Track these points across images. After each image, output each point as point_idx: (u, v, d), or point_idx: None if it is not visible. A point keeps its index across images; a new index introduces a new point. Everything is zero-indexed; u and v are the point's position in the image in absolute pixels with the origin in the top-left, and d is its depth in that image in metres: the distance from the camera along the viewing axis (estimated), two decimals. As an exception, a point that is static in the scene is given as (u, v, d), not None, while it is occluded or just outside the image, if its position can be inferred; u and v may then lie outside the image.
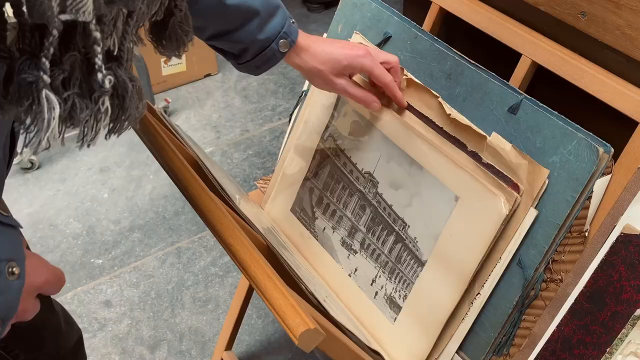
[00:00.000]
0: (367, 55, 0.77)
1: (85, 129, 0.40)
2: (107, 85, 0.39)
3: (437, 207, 0.79)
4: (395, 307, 0.84)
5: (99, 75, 0.38)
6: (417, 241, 0.81)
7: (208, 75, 2.28)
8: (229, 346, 1.29)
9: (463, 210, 0.75)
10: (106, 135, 0.43)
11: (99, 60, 0.38)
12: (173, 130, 0.76)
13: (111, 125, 0.42)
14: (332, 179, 0.93)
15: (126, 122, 0.43)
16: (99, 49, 0.37)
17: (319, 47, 0.76)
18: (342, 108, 0.90)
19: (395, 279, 0.84)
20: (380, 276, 0.86)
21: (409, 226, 0.83)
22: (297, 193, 0.97)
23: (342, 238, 0.92)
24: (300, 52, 0.75)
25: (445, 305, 0.77)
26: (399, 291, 0.84)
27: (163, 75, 2.17)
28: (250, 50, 0.73)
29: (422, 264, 0.81)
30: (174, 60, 2.15)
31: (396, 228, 0.84)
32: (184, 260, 1.61)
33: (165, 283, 1.55)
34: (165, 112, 2.08)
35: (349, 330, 0.64)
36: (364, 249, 0.88)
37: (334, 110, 0.91)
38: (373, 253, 0.87)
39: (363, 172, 0.88)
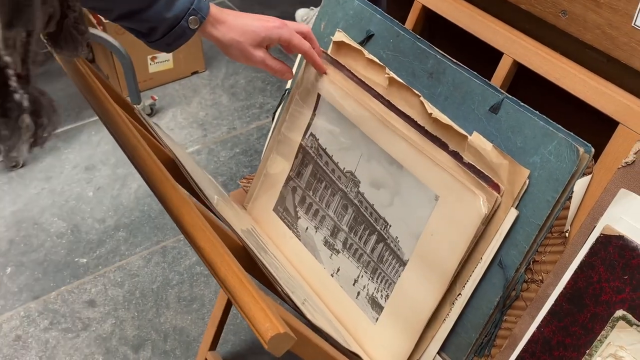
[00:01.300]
0: (283, 27, 0.79)
1: (8, 148, 0.41)
2: (26, 103, 0.40)
3: (418, 207, 0.78)
4: (377, 307, 0.83)
5: (17, 96, 0.39)
6: (398, 241, 0.81)
7: (195, 72, 2.26)
8: (213, 346, 1.28)
9: (443, 209, 0.75)
10: (29, 149, 0.44)
11: (13, 82, 0.39)
12: (150, 129, 0.75)
13: (32, 140, 0.43)
14: (314, 178, 0.92)
15: (45, 134, 0.44)
16: (12, 72, 0.39)
17: (236, 19, 0.77)
18: (322, 106, 0.89)
19: (377, 278, 0.84)
20: (362, 276, 0.86)
21: (390, 226, 0.82)
22: (280, 192, 0.97)
23: (324, 238, 0.91)
24: (217, 25, 0.76)
25: (426, 305, 0.77)
26: (381, 291, 0.83)
27: (150, 72, 2.15)
28: (160, 29, 0.73)
29: (403, 263, 0.80)
30: (161, 57, 2.14)
31: (378, 227, 0.83)
32: (169, 260, 1.60)
33: (150, 282, 1.54)
34: (151, 109, 2.06)
35: (327, 334, 0.64)
36: (347, 248, 0.88)
37: (315, 109, 0.90)
38: (355, 253, 0.87)
39: (345, 171, 0.87)
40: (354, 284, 0.87)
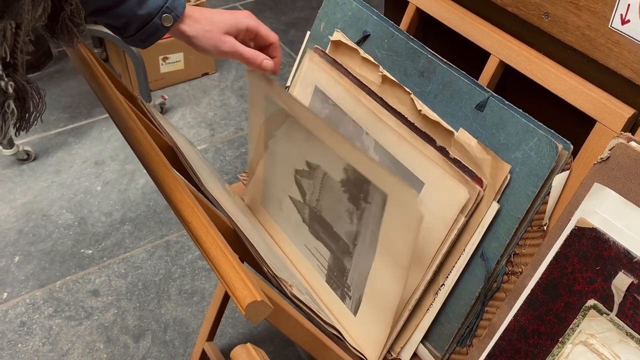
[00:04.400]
0: (250, 16, 0.80)
1: None
2: (10, 90, 0.43)
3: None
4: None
5: (2, 83, 0.43)
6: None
7: (206, 74, 2.31)
8: (210, 337, 1.31)
9: (428, 200, 0.78)
10: (15, 133, 0.48)
11: None
12: (151, 117, 0.78)
13: (18, 124, 0.47)
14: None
15: (31, 119, 0.48)
16: None
17: (202, 13, 0.78)
18: (316, 100, 0.92)
19: None
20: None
21: None
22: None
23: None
24: (185, 19, 0.77)
25: (406, 292, 0.79)
26: None
27: (161, 72, 2.20)
28: (132, 25, 0.74)
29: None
30: (173, 58, 2.19)
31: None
32: (172, 253, 1.63)
33: (152, 275, 1.58)
34: (161, 108, 2.11)
35: (309, 308, 0.67)
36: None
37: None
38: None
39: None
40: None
